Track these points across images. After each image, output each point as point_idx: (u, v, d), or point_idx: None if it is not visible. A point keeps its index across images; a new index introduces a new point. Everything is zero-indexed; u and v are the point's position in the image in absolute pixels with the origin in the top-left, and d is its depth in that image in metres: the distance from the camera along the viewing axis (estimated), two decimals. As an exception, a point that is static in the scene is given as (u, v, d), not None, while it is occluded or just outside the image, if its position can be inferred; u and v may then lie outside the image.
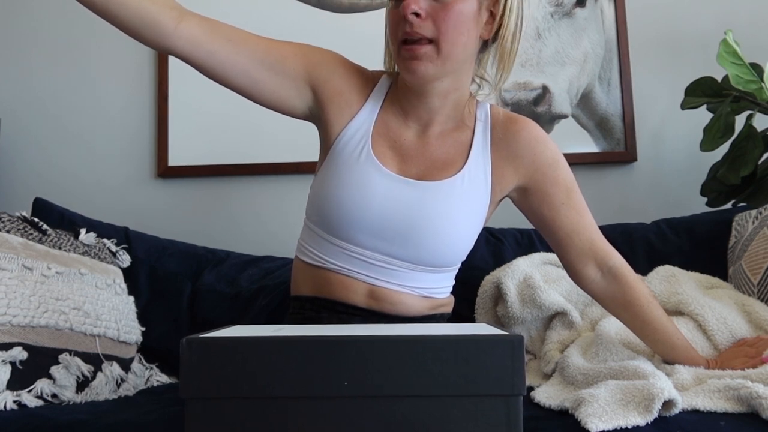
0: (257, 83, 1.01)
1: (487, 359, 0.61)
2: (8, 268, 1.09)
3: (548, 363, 1.18)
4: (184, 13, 0.96)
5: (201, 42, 0.96)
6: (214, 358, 0.62)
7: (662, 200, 1.89)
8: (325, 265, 1.06)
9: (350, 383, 0.61)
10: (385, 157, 1.05)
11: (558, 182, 1.07)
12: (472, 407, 0.61)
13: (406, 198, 1.02)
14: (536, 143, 1.07)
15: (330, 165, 1.05)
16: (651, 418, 0.78)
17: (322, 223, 1.06)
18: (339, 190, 1.02)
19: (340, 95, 1.06)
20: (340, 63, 1.08)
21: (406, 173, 1.05)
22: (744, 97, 1.61)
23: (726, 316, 1.13)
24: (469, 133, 1.08)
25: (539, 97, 1.89)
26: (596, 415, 0.78)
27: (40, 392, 1.04)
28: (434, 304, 1.11)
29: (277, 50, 1.02)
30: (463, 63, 1.01)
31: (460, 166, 1.06)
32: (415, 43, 0.96)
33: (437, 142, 1.07)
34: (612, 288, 1.07)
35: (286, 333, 0.65)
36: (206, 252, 1.66)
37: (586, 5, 1.92)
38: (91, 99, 1.98)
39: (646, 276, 1.37)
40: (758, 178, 1.59)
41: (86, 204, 1.79)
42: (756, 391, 0.82)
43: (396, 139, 1.06)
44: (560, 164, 1.08)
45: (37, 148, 1.97)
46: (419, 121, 1.07)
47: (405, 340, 0.62)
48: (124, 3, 0.90)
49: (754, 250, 1.31)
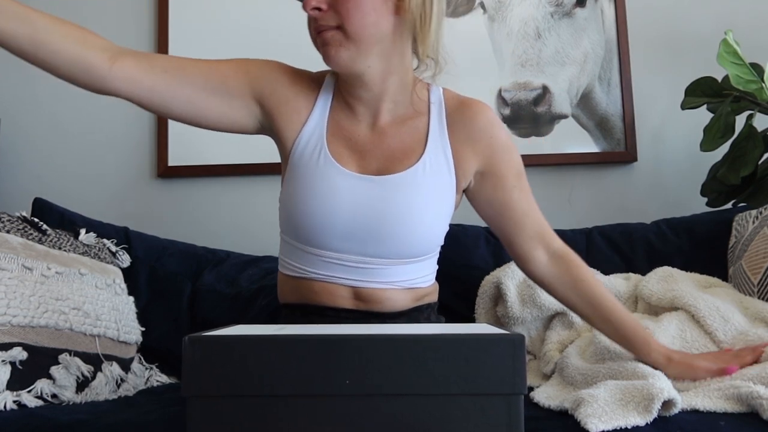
0: (203, 110, 1.01)
1: (488, 358, 0.61)
2: (8, 268, 1.09)
3: (548, 363, 1.18)
4: (117, 53, 0.95)
5: (138, 79, 0.95)
6: (216, 356, 0.62)
7: (662, 200, 1.89)
8: (307, 275, 1.07)
9: (351, 382, 0.61)
10: (342, 157, 1.04)
11: (511, 165, 1.08)
12: (472, 406, 0.61)
13: (370, 195, 1.02)
14: (491, 127, 1.07)
15: (292, 175, 1.05)
16: (650, 418, 0.78)
17: (295, 235, 1.06)
18: (305, 200, 1.02)
19: (287, 104, 1.05)
20: (281, 71, 1.07)
21: (366, 170, 1.04)
22: (744, 97, 1.61)
23: (719, 306, 1.13)
24: (425, 119, 1.07)
25: (539, 97, 1.89)
26: (596, 415, 0.78)
27: (40, 392, 1.04)
28: (419, 295, 1.11)
29: (217, 72, 1.02)
30: (379, 42, 0.98)
31: (419, 154, 1.05)
32: (324, 31, 0.96)
33: (391, 132, 1.06)
34: (559, 269, 1.07)
35: (288, 332, 0.65)
36: (206, 252, 1.66)
37: (586, 5, 1.92)
38: (91, 99, 1.98)
39: (645, 276, 1.37)
40: (758, 178, 1.59)
41: (86, 204, 1.79)
42: (757, 391, 0.82)
43: (350, 136, 1.06)
44: (512, 148, 1.09)
45: (37, 149, 1.97)
46: (367, 112, 1.06)
47: (406, 339, 0.62)
48: (55, 50, 0.90)
49: (754, 250, 1.31)
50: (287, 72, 1.07)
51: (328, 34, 0.96)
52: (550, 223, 1.11)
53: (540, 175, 1.92)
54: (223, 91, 1.02)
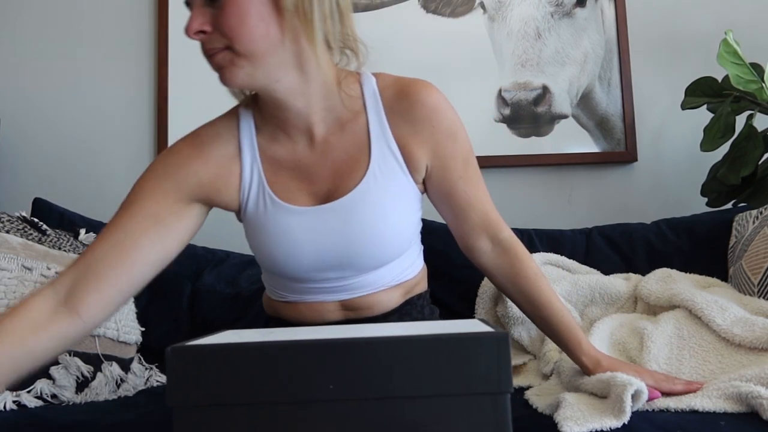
0: (167, 252, 0.94)
1: (472, 357, 0.60)
2: (8, 268, 1.09)
3: (547, 363, 1.18)
4: (68, 297, 0.85)
5: (108, 299, 0.88)
6: (199, 366, 0.61)
7: (662, 200, 1.89)
8: (291, 299, 1.06)
9: (336, 386, 0.60)
10: (290, 191, 0.97)
11: (456, 155, 0.99)
12: (458, 407, 0.61)
13: (329, 224, 0.96)
14: (432, 114, 0.97)
15: (248, 228, 1.01)
16: (626, 419, 0.78)
17: (271, 271, 1.04)
18: (266, 249, 0.99)
19: (216, 179, 0.96)
20: (186, 156, 0.95)
21: (317, 196, 0.97)
22: (744, 97, 1.61)
23: (717, 299, 1.13)
24: (362, 119, 0.97)
25: (539, 97, 1.89)
26: (572, 418, 0.78)
27: (39, 392, 1.04)
28: (407, 288, 1.09)
29: (144, 218, 0.91)
30: (276, 51, 0.87)
31: (366, 163, 0.96)
32: (214, 54, 0.86)
33: (333, 142, 0.97)
34: (502, 261, 1.02)
35: (273, 338, 0.65)
36: (206, 252, 1.66)
37: (586, 5, 1.92)
38: (91, 99, 1.98)
39: (644, 277, 1.37)
40: (758, 179, 1.59)
41: (86, 204, 1.79)
42: (757, 391, 0.82)
43: (292, 164, 0.97)
44: (456, 133, 0.99)
45: (37, 148, 1.97)
46: (300, 131, 0.96)
47: (387, 342, 0.61)
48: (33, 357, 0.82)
49: (754, 250, 1.31)
50: (192, 149, 0.96)
51: (218, 56, 0.86)
52: (549, 223, 1.11)
53: (540, 175, 1.92)
54: (166, 226, 0.93)
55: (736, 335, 1.03)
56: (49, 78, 1.99)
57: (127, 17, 1.97)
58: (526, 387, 1.11)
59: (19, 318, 0.82)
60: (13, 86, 1.98)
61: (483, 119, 1.90)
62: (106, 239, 0.89)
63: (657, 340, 1.08)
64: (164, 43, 1.94)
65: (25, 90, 1.99)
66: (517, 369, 1.26)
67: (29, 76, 1.99)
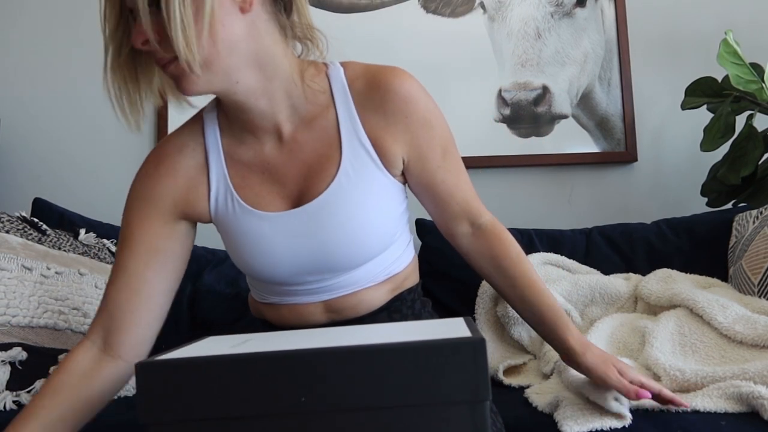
0: (175, 275, 0.94)
1: (448, 365, 0.58)
2: (8, 268, 1.09)
3: (547, 363, 1.18)
4: (105, 346, 0.88)
5: (141, 338, 0.89)
6: (167, 381, 0.59)
7: (662, 200, 1.89)
8: (273, 301, 1.02)
9: (308, 398, 0.58)
10: (258, 195, 0.93)
11: (433, 144, 0.94)
12: (435, 416, 0.58)
13: (302, 231, 0.92)
14: (405, 104, 0.91)
15: (222, 235, 0.98)
16: (627, 422, 0.78)
17: (250, 276, 1.02)
18: (238, 255, 0.95)
19: (187, 193, 0.93)
20: (155, 177, 0.93)
21: (288, 198, 0.93)
22: (744, 98, 1.61)
23: (718, 298, 1.13)
24: (331, 113, 0.92)
25: (539, 97, 1.89)
26: (572, 417, 0.78)
27: (39, 392, 1.04)
28: (396, 283, 1.03)
29: (145, 254, 0.91)
30: (233, 53, 0.82)
31: (337, 159, 0.91)
32: (167, 64, 0.81)
33: (301, 140, 0.92)
34: (482, 242, 0.98)
35: (243, 350, 0.63)
36: (206, 252, 1.66)
37: (586, 5, 1.92)
38: (91, 99, 1.98)
39: (645, 277, 1.37)
40: (758, 179, 1.59)
41: (86, 204, 1.79)
42: (758, 391, 0.82)
43: (259, 164, 0.93)
44: (432, 122, 0.94)
45: (37, 148, 1.97)
46: (267, 132, 0.92)
47: (361, 351, 0.59)
48: (91, 405, 0.85)
49: (754, 250, 1.31)
50: (158, 167, 0.93)
51: (171, 66, 0.80)
52: (550, 223, 1.11)
53: (540, 175, 1.92)
54: (164, 253, 0.92)
55: (738, 333, 1.03)
56: (49, 78, 1.99)
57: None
58: (526, 386, 1.11)
59: (68, 373, 0.84)
60: (13, 87, 1.98)
61: (483, 119, 1.90)
62: (116, 285, 0.90)
63: (659, 336, 1.08)
64: (164, 43, 1.94)
65: (25, 90, 1.99)
66: (517, 369, 1.26)
67: (29, 76, 1.99)
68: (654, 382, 0.86)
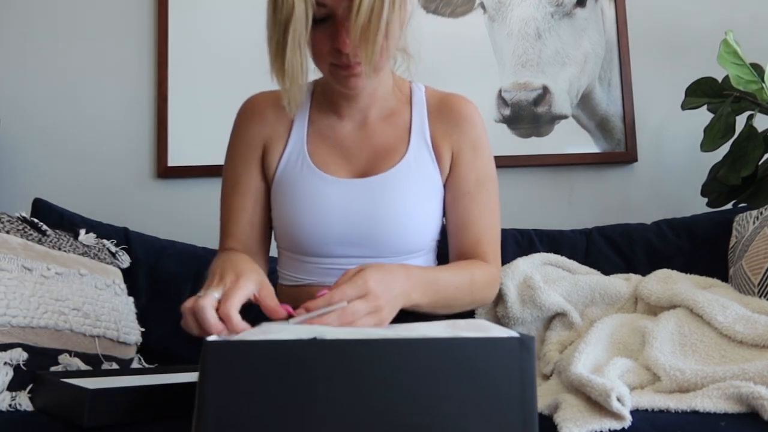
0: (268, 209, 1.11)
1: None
2: (8, 268, 1.08)
3: (548, 364, 1.18)
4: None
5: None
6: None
7: (663, 201, 1.89)
8: (305, 282, 1.06)
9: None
10: (326, 163, 1.05)
11: (472, 168, 1.06)
12: (484, 411, 0.60)
13: (359, 198, 1.02)
14: (464, 121, 1.07)
15: (277, 192, 1.06)
16: (627, 424, 0.78)
17: (290, 246, 1.06)
18: (294, 212, 1.02)
19: (270, 140, 1.08)
20: (253, 119, 1.09)
21: (353, 172, 1.04)
22: (744, 98, 1.61)
23: (718, 298, 1.13)
24: (407, 114, 1.08)
25: (539, 97, 1.89)
26: (572, 419, 0.78)
27: (39, 393, 1.04)
28: None
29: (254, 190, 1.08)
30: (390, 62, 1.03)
31: (403, 150, 1.05)
32: (355, 66, 0.93)
33: (377, 128, 1.07)
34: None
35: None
36: (206, 252, 1.66)
37: (587, 5, 1.92)
38: (91, 99, 1.98)
39: (645, 277, 1.37)
40: (759, 179, 1.59)
41: (86, 204, 1.79)
42: (758, 391, 0.82)
43: (334, 137, 1.07)
44: (479, 150, 1.07)
45: (37, 148, 1.97)
46: (357, 114, 1.07)
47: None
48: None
49: (754, 251, 1.30)
50: (256, 110, 1.09)
51: (357, 69, 0.93)
52: (550, 223, 1.11)
53: (540, 176, 1.92)
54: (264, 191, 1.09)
55: (738, 332, 1.03)
56: (49, 78, 1.99)
57: (127, 17, 1.97)
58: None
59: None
60: (13, 86, 1.98)
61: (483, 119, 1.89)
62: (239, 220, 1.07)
63: (659, 336, 1.07)
64: (164, 43, 1.94)
65: (25, 90, 1.99)
66: (517, 369, 1.26)
67: (29, 76, 1.99)
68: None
